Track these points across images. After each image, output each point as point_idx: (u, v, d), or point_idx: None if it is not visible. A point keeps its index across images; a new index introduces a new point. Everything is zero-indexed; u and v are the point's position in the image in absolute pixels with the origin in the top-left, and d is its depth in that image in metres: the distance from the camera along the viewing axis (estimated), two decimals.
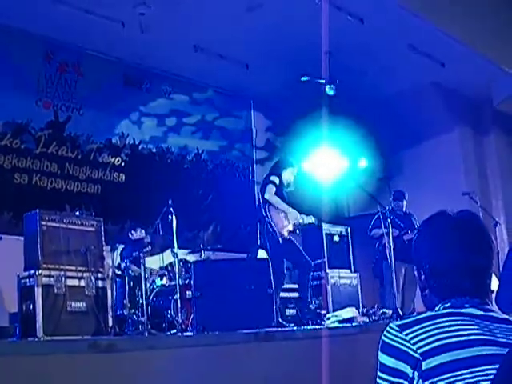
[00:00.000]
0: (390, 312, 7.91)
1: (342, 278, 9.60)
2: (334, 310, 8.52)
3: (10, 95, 9.87)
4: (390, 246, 8.16)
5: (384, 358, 2.01)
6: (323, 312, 8.36)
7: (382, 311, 8.40)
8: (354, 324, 7.37)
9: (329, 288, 9.29)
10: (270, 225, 8.04)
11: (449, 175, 12.59)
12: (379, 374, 2.03)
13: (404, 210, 9.96)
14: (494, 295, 4.27)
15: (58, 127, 10.44)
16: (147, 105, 11.78)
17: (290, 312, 8.92)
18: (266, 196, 8.11)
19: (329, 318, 7.75)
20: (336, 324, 7.58)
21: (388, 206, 9.13)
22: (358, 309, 8.73)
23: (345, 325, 7.26)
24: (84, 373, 3.81)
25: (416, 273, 2.26)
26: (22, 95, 10.03)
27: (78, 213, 7.64)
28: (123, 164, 11.21)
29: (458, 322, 1.99)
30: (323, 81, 10.52)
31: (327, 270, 9.42)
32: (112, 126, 11.25)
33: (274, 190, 8.15)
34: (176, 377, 4.21)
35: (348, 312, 7.84)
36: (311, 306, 8.18)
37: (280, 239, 8.02)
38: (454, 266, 2.10)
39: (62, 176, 10.31)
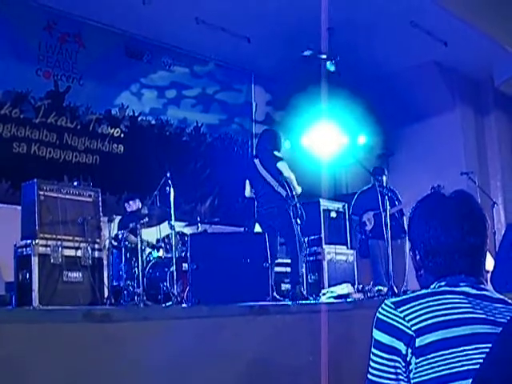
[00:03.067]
0: (385, 289, 7.91)
1: (338, 254, 9.58)
2: (329, 286, 8.52)
3: (11, 64, 9.84)
4: (386, 224, 8.14)
5: (378, 335, 2.03)
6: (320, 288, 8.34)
7: (377, 288, 8.40)
8: (348, 300, 7.38)
9: (325, 264, 9.28)
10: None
11: (448, 154, 12.61)
12: (373, 350, 2.04)
13: (385, 185, 9.78)
14: (489, 275, 4.28)
15: (58, 97, 10.41)
16: (147, 77, 11.73)
17: (285, 287, 8.94)
18: (286, 174, 8.06)
19: (324, 294, 7.75)
20: (331, 300, 7.58)
21: (377, 183, 9.08)
22: (353, 285, 8.72)
23: (339, 300, 7.26)
24: (78, 342, 3.83)
25: (411, 253, 2.27)
26: (22, 64, 9.99)
27: (75, 183, 7.66)
28: (122, 135, 11.18)
29: (453, 300, 2.01)
30: (324, 56, 10.46)
31: (324, 246, 9.41)
32: (112, 97, 11.21)
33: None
34: (170, 348, 4.23)
35: (343, 288, 7.83)
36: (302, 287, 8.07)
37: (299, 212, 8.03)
38: (449, 245, 2.11)
39: (61, 146, 10.30)
